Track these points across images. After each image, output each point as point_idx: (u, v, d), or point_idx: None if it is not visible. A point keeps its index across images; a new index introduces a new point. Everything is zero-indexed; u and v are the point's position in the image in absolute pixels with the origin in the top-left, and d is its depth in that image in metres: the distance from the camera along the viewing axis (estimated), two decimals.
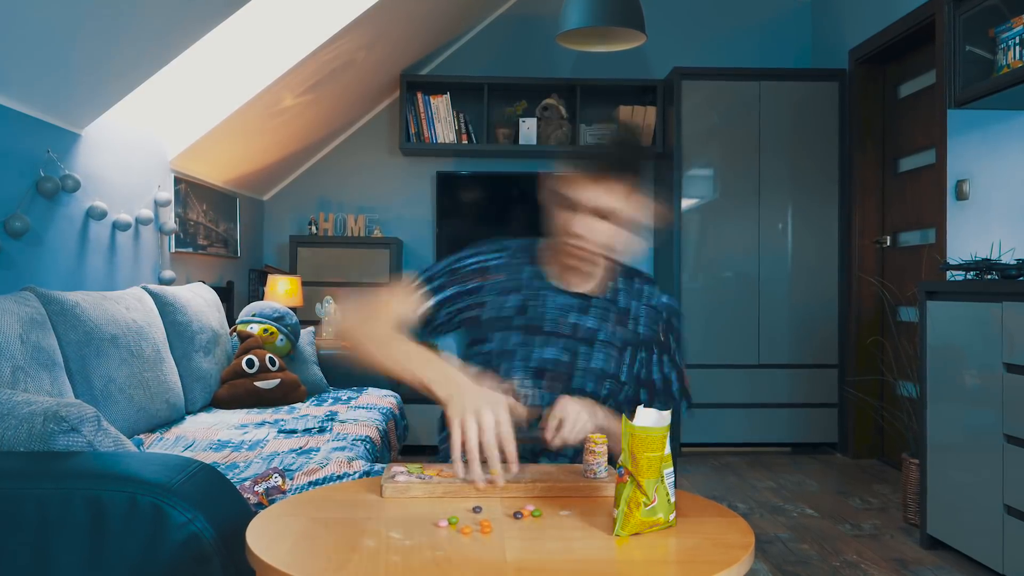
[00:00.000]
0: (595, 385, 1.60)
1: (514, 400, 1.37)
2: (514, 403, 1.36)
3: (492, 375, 1.51)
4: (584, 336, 1.61)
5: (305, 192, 5.22)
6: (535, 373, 1.59)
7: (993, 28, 3.03)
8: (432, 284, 1.63)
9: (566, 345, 1.60)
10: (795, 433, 4.71)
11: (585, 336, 1.61)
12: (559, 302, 1.63)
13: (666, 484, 1.17)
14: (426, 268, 1.67)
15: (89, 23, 2.45)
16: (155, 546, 1.44)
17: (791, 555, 2.97)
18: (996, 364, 2.64)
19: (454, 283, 1.63)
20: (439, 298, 1.62)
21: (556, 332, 1.61)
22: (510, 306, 1.62)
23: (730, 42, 5.25)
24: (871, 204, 4.55)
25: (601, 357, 1.61)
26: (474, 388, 1.35)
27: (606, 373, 1.61)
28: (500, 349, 1.60)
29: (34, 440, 1.60)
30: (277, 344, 3.56)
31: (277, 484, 1.92)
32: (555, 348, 1.60)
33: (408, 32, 4.49)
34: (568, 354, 1.60)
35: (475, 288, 1.63)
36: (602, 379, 1.61)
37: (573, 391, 1.58)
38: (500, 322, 1.61)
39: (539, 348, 1.60)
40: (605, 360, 1.61)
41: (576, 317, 1.62)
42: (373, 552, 1.06)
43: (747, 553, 1.08)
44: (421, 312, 1.62)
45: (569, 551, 1.09)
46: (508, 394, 1.37)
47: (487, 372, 1.55)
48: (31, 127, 2.62)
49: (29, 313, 2.15)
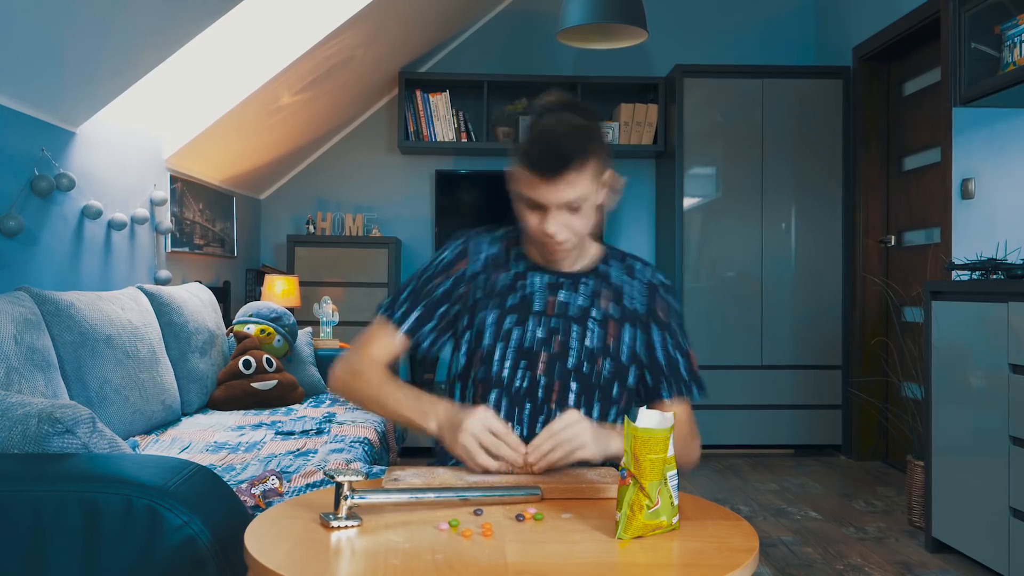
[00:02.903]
0: (590, 366, 1.55)
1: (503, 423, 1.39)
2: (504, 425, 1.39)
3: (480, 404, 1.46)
4: (575, 315, 1.57)
5: (303, 191, 5.20)
6: (527, 354, 1.55)
7: (999, 25, 3.01)
8: (396, 313, 1.59)
9: (557, 324, 1.56)
10: (798, 435, 4.69)
11: (576, 315, 1.57)
12: (547, 280, 1.58)
13: (669, 487, 1.15)
14: (386, 300, 1.63)
15: (83, 20, 2.43)
16: (151, 549, 1.44)
17: (794, 558, 2.94)
18: (1002, 365, 2.61)
19: (420, 301, 1.59)
20: (410, 323, 1.58)
21: (545, 311, 1.56)
22: (502, 285, 1.58)
23: (733, 39, 5.22)
24: (875, 203, 4.53)
25: (594, 335, 1.56)
26: (456, 410, 1.41)
27: (600, 351, 1.56)
28: (495, 328, 1.56)
29: (28, 442, 1.59)
30: (274, 345, 3.53)
31: (274, 486, 1.90)
32: (545, 328, 1.56)
33: (407, 29, 4.47)
34: (560, 333, 1.55)
35: (449, 286, 1.59)
36: (597, 358, 1.56)
37: (568, 373, 1.54)
38: (493, 299, 1.57)
39: (531, 329, 1.55)
40: (600, 338, 1.56)
41: (566, 295, 1.57)
42: (372, 555, 1.05)
43: (751, 557, 1.07)
44: (398, 346, 1.58)
45: (570, 554, 1.07)
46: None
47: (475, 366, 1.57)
48: (25, 125, 2.59)
49: (23, 313, 2.13)
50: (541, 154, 1.43)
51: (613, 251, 1.66)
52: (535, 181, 1.44)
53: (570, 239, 1.49)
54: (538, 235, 1.50)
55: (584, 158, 1.43)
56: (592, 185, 1.47)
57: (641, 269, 1.65)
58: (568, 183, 1.43)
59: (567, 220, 1.47)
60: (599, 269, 1.62)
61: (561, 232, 1.47)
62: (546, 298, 1.57)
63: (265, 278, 4.39)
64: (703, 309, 4.67)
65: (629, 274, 1.63)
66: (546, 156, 1.42)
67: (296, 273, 4.67)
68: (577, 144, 1.43)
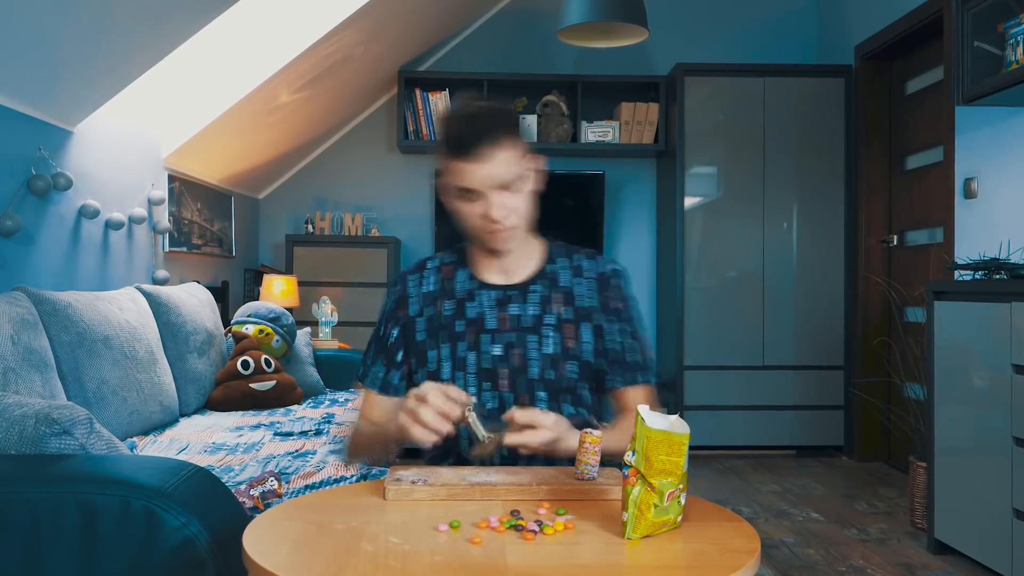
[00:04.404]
0: (554, 371, 1.54)
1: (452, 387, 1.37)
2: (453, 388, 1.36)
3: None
4: (529, 325, 1.56)
5: (301, 190, 5.18)
6: (489, 374, 1.55)
7: (1002, 23, 3.00)
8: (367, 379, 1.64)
9: (512, 338, 1.55)
10: (800, 436, 4.67)
11: (530, 324, 1.56)
12: (496, 296, 1.58)
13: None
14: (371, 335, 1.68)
15: (80, 18, 2.41)
16: (149, 551, 1.44)
17: (796, 560, 2.93)
18: (1005, 365, 2.60)
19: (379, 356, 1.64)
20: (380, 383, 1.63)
21: (499, 328, 1.56)
22: (447, 314, 1.59)
23: (734, 38, 5.21)
24: (878, 202, 4.52)
25: (551, 342, 1.55)
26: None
27: (561, 356, 1.55)
28: (451, 359, 1.56)
29: (25, 443, 1.59)
30: (273, 345, 3.52)
31: (273, 488, 1.89)
32: (502, 344, 1.55)
33: (406, 27, 4.45)
34: (518, 347, 1.55)
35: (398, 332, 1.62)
36: (559, 362, 1.55)
37: (533, 383, 1.54)
38: (443, 331, 1.58)
39: (487, 347, 1.55)
40: (557, 343, 1.56)
41: (517, 308, 1.57)
42: (372, 557, 1.04)
43: (753, 558, 1.06)
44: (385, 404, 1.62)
45: (571, 555, 1.07)
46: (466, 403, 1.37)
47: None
48: (22, 124, 2.58)
49: (20, 314, 2.12)
50: (464, 135, 1.44)
51: (558, 248, 1.65)
52: (460, 164, 1.45)
53: (515, 223, 1.50)
54: (479, 226, 1.50)
55: (499, 134, 1.45)
56: (518, 165, 1.47)
57: (589, 264, 1.63)
58: (496, 162, 1.44)
59: (506, 201, 1.47)
60: (546, 271, 1.61)
61: (505, 215, 1.47)
62: (497, 314, 1.57)
63: (264, 278, 4.38)
64: (704, 309, 4.66)
65: (578, 273, 1.62)
66: (462, 134, 1.44)
67: (295, 273, 4.66)
68: (490, 120, 1.45)
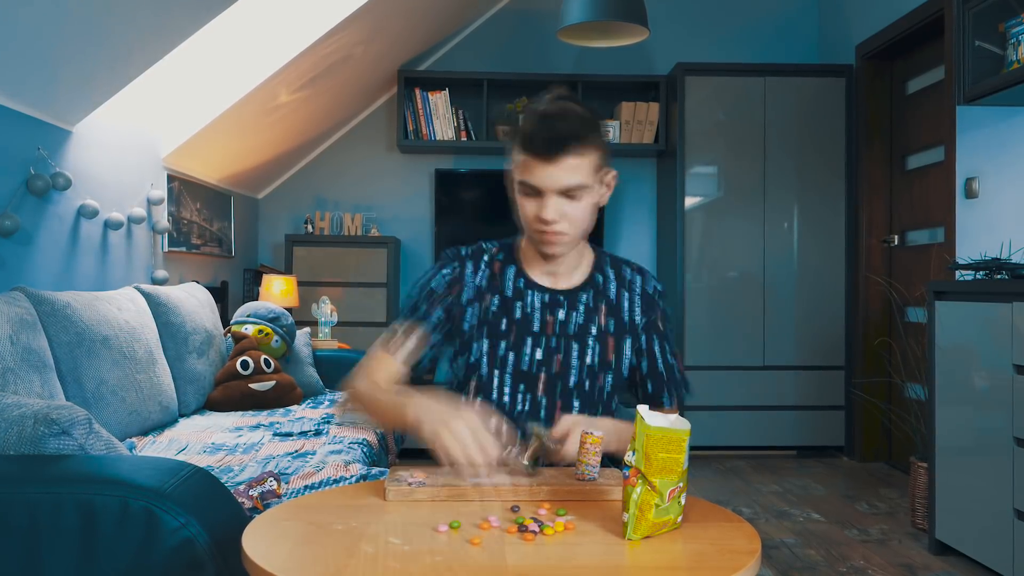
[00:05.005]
0: (592, 382, 1.55)
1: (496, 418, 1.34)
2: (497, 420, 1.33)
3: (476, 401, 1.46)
4: (573, 333, 1.55)
5: (301, 190, 5.18)
6: (526, 377, 1.54)
7: (1003, 23, 2.99)
8: (418, 313, 1.56)
9: (556, 344, 1.54)
10: (801, 436, 4.66)
11: (574, 332, 1.55)
12: (545, 299, 1.56)
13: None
14: (404, 303, 1.60)
15: (79, 18, 2.41)
16: (148, 552, 1.43)
17: (797, 560, 2.92)
18: (1006, 365, 2.59)
19: (436, 304, 1.56)
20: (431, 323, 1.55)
21: (544, 331, 1.55)
22: (493, 309, 1.55)
23: (735, 37, 5.20)
24: (878, 202, 4.51)
25: (594, 352, 1.55)
26: (442, 407, 1.29)
27: (602, 368, 1.56)
28: (490, 356, 1.53)
29: (24, 443, 1.59)
30: (272, 345, 3.51)
31: (272, 488, 1.88)
32: (545, 349, 1.54)
33: (406, 27, 4.45)
34: (560, 352, 1.54)
35: (441, 315, 1.56)
36: (599, 375, 1.56)
37: (569, 391, 1.53)
38: (486, 326, 1.55)
39: (529, 350, 1.54)
40: (600, 354, 1.56)
41: (564, 314, 1.56)
42: (371, 557, 1.04)
43: (754, 559, 1.06)
44: (412, 350, 1.54)
45: (571, 556, 1.06)
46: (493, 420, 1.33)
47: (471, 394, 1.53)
48: (21, 124, 2.58)
49: (19, 314, 2.11)
50: (540, 134, 1.42)
51: (604, 256, 1.64)
52: (533, 163, 1.43)
53: (566, 230, 1.46)
54: (534, 225, 1.48)
55: (583, 143, 1.42)
56: (591, 176, 1.45)
57: (637, 280, 1.63)
58: (565, 167, 1.42)
59: (564, 208, 1.45)
60: (595, 279, 1.60)
61: (557, 219, 1.44)
62: (544, 318, 1.55)
63: (263, 278, 4.38)
64: (705, 309, 4.65)
65: (624, 285, 1.61)
66: (545, 136, 1.41)
67: (294, 273, 4.65)
68: (577, 128, 1.42)
